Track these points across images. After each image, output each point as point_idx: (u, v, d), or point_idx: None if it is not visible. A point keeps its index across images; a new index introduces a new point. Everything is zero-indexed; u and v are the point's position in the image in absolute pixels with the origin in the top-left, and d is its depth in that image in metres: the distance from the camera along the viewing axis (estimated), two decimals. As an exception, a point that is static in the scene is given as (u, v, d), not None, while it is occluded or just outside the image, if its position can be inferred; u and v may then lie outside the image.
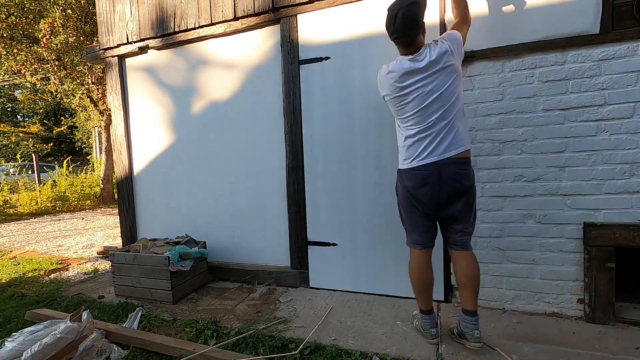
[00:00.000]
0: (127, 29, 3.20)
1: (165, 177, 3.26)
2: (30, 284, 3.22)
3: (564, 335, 1.93)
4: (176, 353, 1.88)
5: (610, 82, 1.95)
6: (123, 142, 3.37)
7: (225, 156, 2.99)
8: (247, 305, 2.52)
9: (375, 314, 2.27)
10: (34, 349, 1.71)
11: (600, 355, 1.74)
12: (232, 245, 3.05)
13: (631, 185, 1.96)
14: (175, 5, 2.98)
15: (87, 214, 7.78)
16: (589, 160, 2.02)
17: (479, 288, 1.81)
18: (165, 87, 3.17)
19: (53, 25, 6.73)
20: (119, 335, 2.06)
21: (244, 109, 2.87)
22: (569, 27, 1.98)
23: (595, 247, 2.00)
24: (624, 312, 2.06)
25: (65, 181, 9.22)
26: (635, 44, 1.89)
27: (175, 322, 2.31)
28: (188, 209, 3.20)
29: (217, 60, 2.95)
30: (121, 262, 2.74)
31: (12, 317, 2.47)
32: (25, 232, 5.88)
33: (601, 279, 2.01)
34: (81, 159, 17.55)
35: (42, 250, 4.56)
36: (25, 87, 17.65)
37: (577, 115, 2.02)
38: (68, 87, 8.43)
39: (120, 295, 2.77)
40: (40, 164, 10.40)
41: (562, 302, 2.13)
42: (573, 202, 2.07)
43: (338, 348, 1.89)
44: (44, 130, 18.98)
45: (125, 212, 3.43)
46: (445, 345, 1.88)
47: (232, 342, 1.99)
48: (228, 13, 2.78)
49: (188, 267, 2.68)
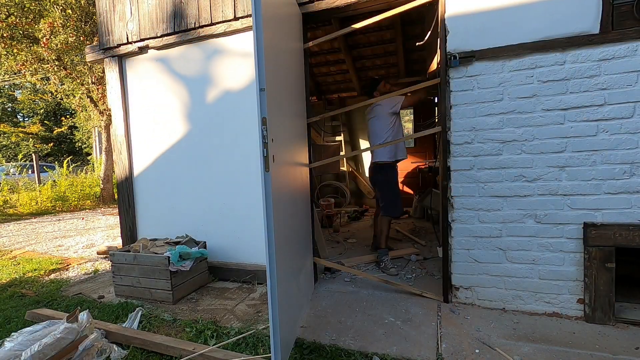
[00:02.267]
0: (127, 29, 3.20)
1: (165, 177, 3.26)
2: (30, 284, 3.22)
3: (564, 335, 1.93)
4: (176, 353, 1.89)
5: (610, 82, 1.95)
6: (123, 142, 3.37)
7: (225, 156, 2.99)
8: (247, 305, 2.52)
9: (374, 313, 2.27)
10: (33, 349, 1.71)
11: (600, 355, 1.74)
12: (232, 245, 3.05)
13: (631, 185, 1.96)
14: (176, 5, 2.98)
15: (87, 214, 7.78)
16: (589, 160, 2.02)
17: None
18: (165, 87, 3.17)
19: (53, 25, 6.72)
20: (119, 335, 2.06)
21: (244, 108, 2.87)
22: (569, 27, 1.98)
23: (595, 247, 2.00)
24: (624, 312, 2.07)
25: (65, 181, 9.21)
26: (635, 44, 1.89)
27: (175, 322, 2.31)
28: (188, 209, 3.20)
29: (217, 60, 2.95)
30: (121, 262, 2.74)
31: (12, 317, 2.47)
32: (25, 232, 5.88)
33: (601, 279, 2.01)
34: (81, 159, 17.55)
35: (42, 250, 4.55)
36: (25, 87, 17.64)
37: (577, 115, 2.02)
38: (68, 87, 8.42)
39: (120, 295, 2.77)
40: (40, 164, 10.40)
41: (562, 302, 2.13)
42: (573, 202, 2.07)
43: (338, 348, 1.89)
44: (44, 130, 18.96)
45: (125, 212, 3.43)
46: (445, 345, 1.88)
47: (232, 342, 1.99)
48: (228, 13, 2.78)
49: (188, 267, 2.68)
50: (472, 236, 2.28)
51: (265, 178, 1.53)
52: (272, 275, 1.56)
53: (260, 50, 1.47)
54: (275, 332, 1.55)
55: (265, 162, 1.52)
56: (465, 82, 2.21)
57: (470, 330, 2.03)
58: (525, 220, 2.17)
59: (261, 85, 1.48)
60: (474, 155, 2.23)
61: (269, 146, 1.51)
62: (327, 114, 3.11)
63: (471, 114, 2.21)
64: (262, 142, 1.51)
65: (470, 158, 2.24)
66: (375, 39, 5.23)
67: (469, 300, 2.33)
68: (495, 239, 2.24)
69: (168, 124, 3.20)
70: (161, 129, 3.24)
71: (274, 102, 1.64)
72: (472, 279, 2.31)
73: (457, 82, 2.22)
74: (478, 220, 2.26)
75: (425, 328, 2.07)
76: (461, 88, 2.22)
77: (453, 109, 2.25)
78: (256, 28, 1.46)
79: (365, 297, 2.52)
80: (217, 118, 2.99)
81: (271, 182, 1.53)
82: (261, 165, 1.52)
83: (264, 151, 1.51)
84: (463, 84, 2.21)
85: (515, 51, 2.08)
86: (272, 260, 1.55)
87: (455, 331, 2.02)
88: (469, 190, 2.26)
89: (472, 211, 2.27)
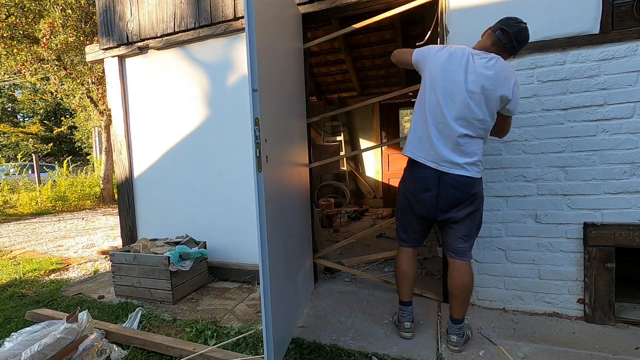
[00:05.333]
0: (127, 29, 3.20)
1: (165, 177, 3.26)
2: (30, 284, 3.22)
3: (564, 335, 1.93)
4: (176, 353, 1.88)
5: (610, 82, 1.95)
6: (123, 142, 3.37)
7: (225, 156, 2.99)
8: (247, 305, 2.52)
9: (375, 313, 2.27)
10: (33, 349, 1.71)
11: (600, 355, 1.74)
12: (232, 245, 3.05)
13: (631, 185, 1.96)
14: (176, 5, 2.98)
15: (87, 214, 7.78)
16: (589, 160, 2.02)
17: (469, 299, 1.83)
18: (165, 87, 3.17)
19: (53, 25, 6.72)
20: (119, 335, 2.06)
21: (244, 108, 2.87)
22: (569, 27, 1.98)
23: (595, 247, 2.00)
24: (624, 312, 2.07)
25: (65, 181, 9.22)
26: (635, 44, 1.89)
27: (175, 322, 2.31)
28: (188, 209, 3.19)
29: (217, 60, 2.95)
30: (121, 262, 2.74)
31: (12, 317, 2.47)
32: (25, 232, 5.88)
33: (601, 279, 2.01)
34: (81, 159, 17.56)
35: (42, 250, 4.55)
36: (25, 87, 17.65)
37: (577, 115, 2.02)
38: (68, 87, 8.42)
39: (120, 295, 2.77)
40: (40, 164, 10.40)
41: (562, 302, 2.13)
42: (573, 202, 2.07)
43: (338, 348, 1.89)
44: (44, 130, 18.96)
45: (125, 212, 3.43)
46: (445, 345, 1.88)
47: (232, 342, 1.99)
48: (228, 13, 2.78)
49: (188, 267, 2.68)
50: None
51: (257, 178, 1.54)
52: (264, 274, 1.56)
53: (252, 51, 1.47)
54: (268, 331, 1.55)
55: (257, 162, 1.52)
56: (465, 82, 2.20)
57: (470, 330, 2.03)
58: (525, 220, 2.17)
59: (254, 86, 1.48)
60: (474, 155, 2.22)
61: (261, 146, 1.52)
62: (327, 114, 3.11)
63: (471, 114, 2.21)
64: (255, 142, 1.51)
65: (470, 158, 2.24)
66: (375, 39, 5.24)
67: (469, 300, 2.33)
68: (495, 239, 2.24)
69: (168, 124, 3.20)
70: (161, 129, 3.23)
71: (269, 103, 1.64)
72: (472, 279, 2.30)
73: (457, 82, 2.22)
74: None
75: (425, 328, 2.07)
76: (461, 88, 2.22)
77: (453, 109, 2.25)
78: (248, 29, 1.46)
79: (365, 297, 2.52)
80: (218, 118, 2.99)
81: (264, 182, 1.53)
82: (254, 165, 1.53)
83: (256, 151, 1.52)
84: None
85: (515, 51, 2.08)
86: (265, 260, 1.55)
87: (455, 331, 2.02)
88: (469, 190, 2.26)
89: (472, 211, 2.26)
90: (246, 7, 1.46)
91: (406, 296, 1.97)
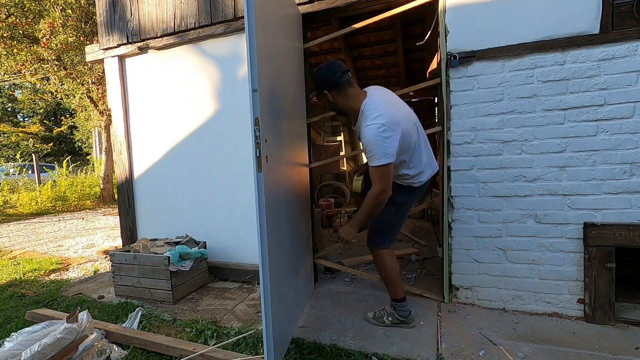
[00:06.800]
0: (127, 29, 3.20)
1: (165, 177, 3.26)
2: (30, 284, 3.22)
3: (564, 335, 1.93)
4: (176, 353, 1.89)
5: (610, 82, 1.95)
6: (123, 142, 3.37)
7: (225, 156, 2.99)
8: (247, 305, 2.52)
9: (375, 314, 2.27)
10: (33, 349, 1.71)
11: (600, 355, 1.74)
12: (232, 245, 3.05)
13: (631, 185, 1.95)
14: (176, 5, 2.98)
15: (87, 214, 7.78)
16: (589, 160, 2.02)
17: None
18: (165, 87, 3.17)
19: (53, 25, 6.72)
20: (119, 335, 2.06)
21: (245, 108, 2.87)
22: (569, 27, 1.98)
23: (595, 247, 2.00)
24: (624, 312, 2.06)
25: (65, 181, 9.22)
26: (635, 44, 1.89)
27: (175, 322, 2.31)
28: (188, 209, 3.19)
29: (217, 60, 2.94)
30: (121, 262, 2.74)
31: (12, 317, 2.47)
32: (26, 232, 5.88)
33: (601, 279, 2.01)
34: (81, 159, 17.55)
35: (42, 250, 4.55)
36: (25, 87, 17.64)
37: (577, 115, 2.02)
38: (68, 87, 8.42)
39: (120, 295, 2.77)
40: (40, 164, 10.40)
41: (562, 302, 2.13)
42: (573, 202, 2.07)
43: (338, 348, 1.89)
44: (44, 130, 18.97)
45: (125, 212, 3.43)
46: (445, 345, 1.88)
47: (232, 342, 1.99)
48: (228, 13, 2.78)
49: (188, 267, 2.68)
50: (472, 236, 2.28)
51: (257, 178, 1.54)
52: (264, 274, 1.56)
53: (252, 51, 1.47)
54: (268, 332, 1.55)
55: (257, 162, 1.52)
56: (465, 82, 2.21)
57: (470, 330, 2.03)
58: (525, 220, 2.17)
59: (254, 86, 1.48)
60: (474, 155, 2.23)
61: (261, 146, 1.52)
62: (327, 114, 3.11)
63: (471, 114, 2.21)
64: (255, 142, 1.51)
65: (470, 158, 2.24)
66: (375, 39, 5.24)
67: (469, 300, 2.33)
68: (495, 239, 2.24)
69: (168, 124, 3.20)
70: (161, 129, 3.23)
71: (269, 103, 1.64)
72: (472, 279, 2.30)
73: (457, 82, 2.22)
74: (478, 220, 2.26)
75: (426, 328, 2.07)
76: (461, 88, 2.22)
77: (453, 109, 2.25)
78: (248, 29, 1.46)
79: (365, 297, 2.52)
80: (218, 118, 2.99)
81: (264, 182, 1.53)
82: (253, 165, 1.53)
83: (256, 152, 1.52)
84: (463, 84, 2.21)
85: (515, 51, 2.08)
86: (265, 260, 1.56)
87: (456, 331, 2.02)
88: (469, 190, 2.26)
89: (472, 211, 2.27)
90: (246, 7, 1.46)
91: (403, 292, 2.13)
